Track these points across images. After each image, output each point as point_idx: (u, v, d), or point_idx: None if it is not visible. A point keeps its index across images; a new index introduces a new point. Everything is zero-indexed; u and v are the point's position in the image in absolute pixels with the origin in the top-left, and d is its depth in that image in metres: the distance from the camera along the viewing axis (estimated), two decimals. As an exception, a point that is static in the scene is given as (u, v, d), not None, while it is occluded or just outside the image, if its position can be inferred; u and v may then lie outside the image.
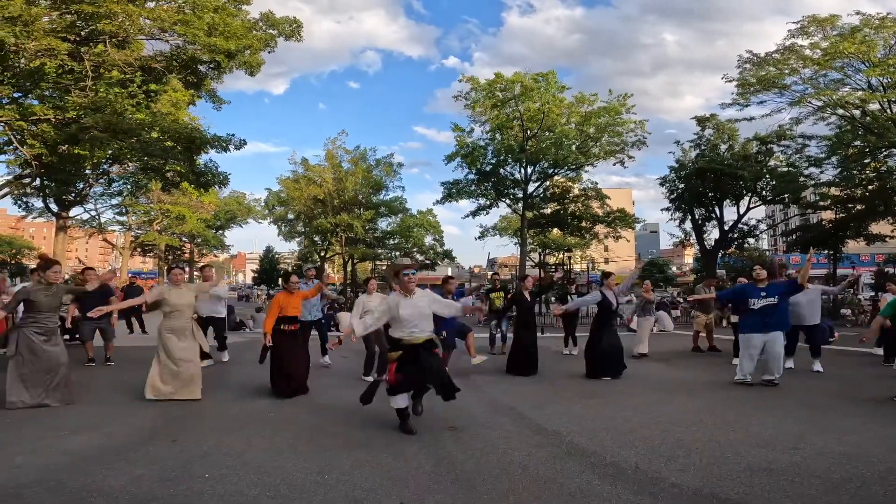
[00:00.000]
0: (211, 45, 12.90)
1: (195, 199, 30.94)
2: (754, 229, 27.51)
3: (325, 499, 3.09)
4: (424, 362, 4.44)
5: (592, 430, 4.57)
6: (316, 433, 4.46)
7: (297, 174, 35.39)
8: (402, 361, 4.49)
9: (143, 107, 11.49)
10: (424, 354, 4.49)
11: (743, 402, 5.75)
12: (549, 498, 3.17)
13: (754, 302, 6.61)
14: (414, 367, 4.44)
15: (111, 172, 20.95)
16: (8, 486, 3.10)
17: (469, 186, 27.66)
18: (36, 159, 11.49)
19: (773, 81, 21.05)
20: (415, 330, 4.53)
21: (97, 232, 29.59)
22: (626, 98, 24.45)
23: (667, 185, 27.16)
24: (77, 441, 4.09)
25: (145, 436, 4.28)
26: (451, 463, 3.74)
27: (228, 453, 3.86)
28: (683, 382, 6.96)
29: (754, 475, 3.48)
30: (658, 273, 56.60)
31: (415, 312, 4.54)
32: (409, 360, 4.47)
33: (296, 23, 15.35)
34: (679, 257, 67.93)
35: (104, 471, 3.43)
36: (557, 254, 35.11)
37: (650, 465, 3.69)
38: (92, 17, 10.59)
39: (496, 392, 6.30)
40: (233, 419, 4.91)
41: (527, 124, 25.24)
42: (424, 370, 4.43)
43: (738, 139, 25.10)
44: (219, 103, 17.10)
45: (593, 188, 28.52)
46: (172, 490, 3.14)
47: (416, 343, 4.51)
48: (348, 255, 35.40)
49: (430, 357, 4.51)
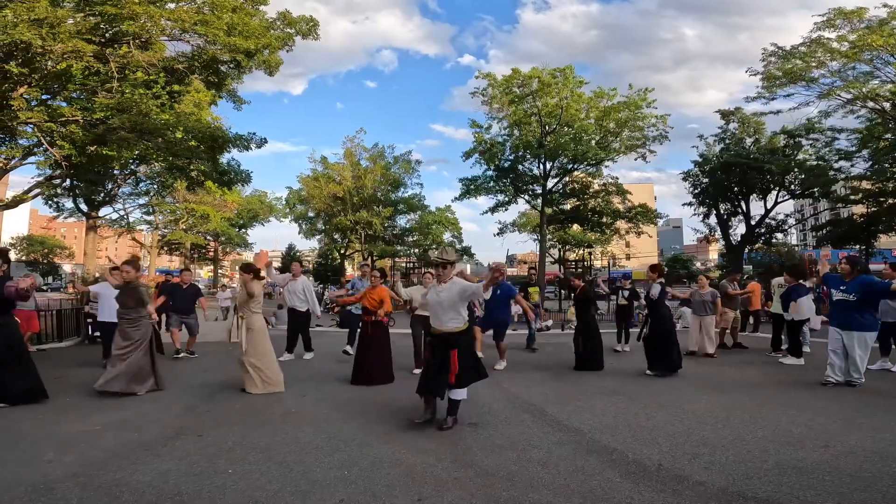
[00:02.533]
0: (231, 45, 13.12)
1: (219, 199, 31.53)
2: (782, 224, 26.84)
3: (345, 494, 3.10)
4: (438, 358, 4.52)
5: (614, 428, 4.50)
6: (336, 429, 4.48)
7: (316, 172, 35.81)
8: (430, 346, 4.68)
9: (168, 107, 11.74)
10: (440, 349, 4.54)
11: (771, 399, 5.59)
12: (570, 494, 3.12)
13: (834, 293, 6.31)
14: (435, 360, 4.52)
15: (138, 173, 21.48)
16: (40, 482, 3.17)
17: (487, 183, 27.58)
18: (65, 160, 11.81)
19: (800, 74, 20.65)
20: (434, 319, 4.68)
21: (126, 231, 30.38)
22: (646, 92, 24.07)
23: (690, 179, 26.68)
24: (108, 436, 4.18)
25: (173, 431, 4.36)
26: (470, 459, 3.72)
27: (252, 448, 3.91)
28: (709, 380, 6.80)
29: (783, 473, 3.39)
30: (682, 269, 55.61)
31: (435, 301, 4.66)
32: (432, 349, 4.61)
33: (312, 21, 15.51)
34: (703, 253, 66.54)
35: (133, 466, 3.49)
36: (577, 250, 34.77)
37: (674, 463, 3.61)
38: (115, 19, 10.85)
39: (516, 388, 6.25)
40: (257, 414, 4.97)
41: (545, 120, 25.02)
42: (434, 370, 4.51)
43: (764, 133, 24.52)
44: (239, 103, 17.40)
45: (614, 183, 28.15)
46: (197, 485, 3.18)
47: (436, 333, 4.62)
48: (367, 251, 35.66)
49: (443, 354, 4.51)
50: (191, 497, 3.02)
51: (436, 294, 4.66)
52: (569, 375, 7.22)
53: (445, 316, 4.57)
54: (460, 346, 4.50)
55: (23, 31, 8.98)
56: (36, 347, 9.51)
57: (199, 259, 43.24)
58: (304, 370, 7.39)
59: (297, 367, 7.69)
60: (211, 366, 7.75)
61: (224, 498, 3.02)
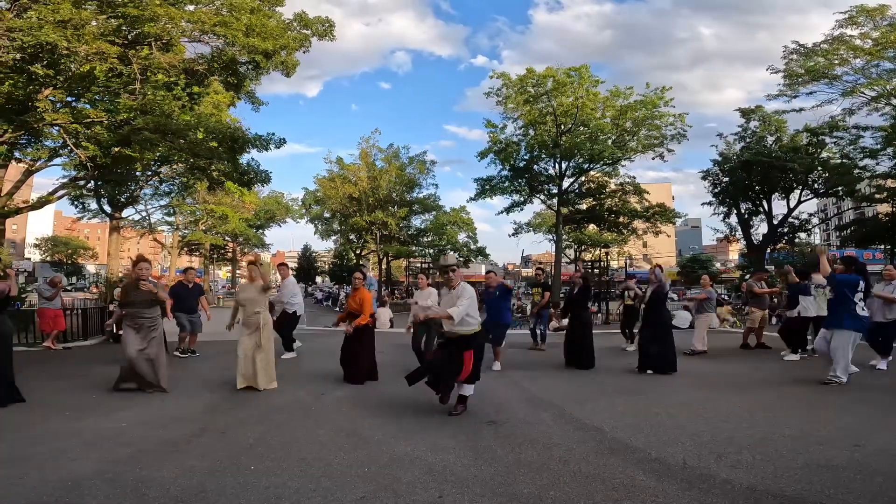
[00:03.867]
0: (249, 46, 13.26)
1: (237, 199, 31.91)
2: (806, 223, 26.25)
3: (365, 491, 3.10)
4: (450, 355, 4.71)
5: (636, 427, 4.43)
6: (356, 426, 4.49)
7: (332, 173, 36.05)
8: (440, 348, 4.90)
9: (188, 109, 11.91)
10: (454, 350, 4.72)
11: (798, 399, 5.48)
12: (592, 492, 3.08)
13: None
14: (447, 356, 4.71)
15: (161, 174, 21.87)
16: (67, 479, 3.21)
17: (503, 183, 27.45)
18: (91, 161, 12.05)
19: (823, 72, 20.37)
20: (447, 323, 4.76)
21: (148, 232, 30.94)
22: (663, 91, 23.76)
23: (709, 178, 26.26)
24: (134, 433, 4.23)
25: (197, 428, 4.41)
26: (490, 457, 3.70)
27: (273, 446, 3.93)
28: (733, 379, 6.67)
29: (813, 472, 3.32)
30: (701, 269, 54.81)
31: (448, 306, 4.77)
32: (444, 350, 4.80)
33: (328, 22, 15.62)
34: (723, 253, 65.38)
35: (158, 462, 3.53)
36: (594, 250, 34.45)
37: (699, 462, 3.55)
38: (137, 21, 11.00)
39: (535, 388, 6.21)
40: (277, 412, 5.01)
41: (560, 119, 24.84)
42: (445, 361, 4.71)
43: (786, 131, 24.07)
44: (257, 104, 17.60)
45: (631, 182, 27.83)
46: (221, 482, 3.21)
47: (452, 337, 4.75)
48: (383, 252, 35.80)
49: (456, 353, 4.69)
50: (215, 494, 3.04)
51: (451, 300, 4.79)
52: (586, 375, 7.16)
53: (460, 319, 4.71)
54: (475, 348, 4.74)
55: (48, 33, 9.12)
56: (62, 345, 9.75)
57: (218, 259, 43.84)
58: (321, 369, 7.44)
59: (313, 366, 7.75)
60: (231, 364, 7.82)
61: (247, 495, 3.04)
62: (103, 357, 8.46)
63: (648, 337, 7.19)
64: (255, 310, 6.07)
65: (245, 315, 6.11)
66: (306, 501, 2.95)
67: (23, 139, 12.86)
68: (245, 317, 6.10)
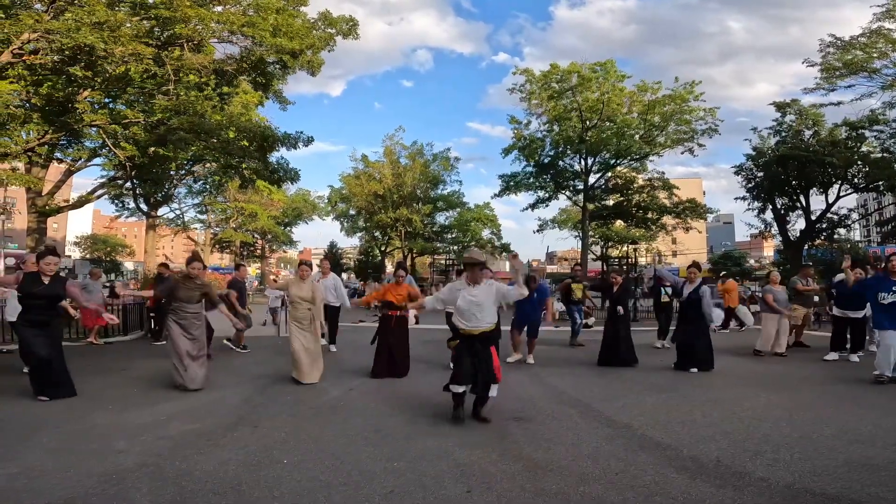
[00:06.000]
0: (276, 46, 13.53)
1: (266, 197, 32.59)
2: (845, 219, 25.22)
3: (394, 485, 3.12)
4: (479, 355, 4.47)
5: (667, 424, 4.35)
6: (383, 421, 4.53)
7: (357, 171, 36.40)
8: (459, 351, 4.58)
9: (219, 109, 12.22)
10: (479, 347, 4.50)
11: (837, 398, 5.30)
12: (622, 489, 3.04)
13: (884, 296, 6.02)
14: (468, 360, 4.46)
15: (195, 173, 22.47)
16: (111, 472, 3.30)
17: (527, 179, 27.25)
18: (129, 160, 12.47)
19: (861, 65, 19.83)
20: (471, 321, 4.54)
21: (182, 230, 31.87)
22: (693, 86, 23.26)
23: (743, 173, 25.50)
24: (173, 426, 4.34)
25: (232, 421, 4.51)
26: (518, 452, 3.68)
27: (304, 439, 4.00)
28: (770, 378, 6.49)
29: (853, 471, 3.22)
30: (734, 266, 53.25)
31: (472, 303, 4.54)
32: (464, 351, 4.53)
33: (352, 21, 15.80)
34: (757, 249, 63.33)
35: (196, 456, 3.62)
36: (621, 246, 33.88)
37: (733, 460, 3.47)
38: (168, 22, 11.34)
39: (562, 384, 6.16)
40: (307, 406, 5.08)
41: (585, 115, 24.49)
42: (477, 363, 4.45)
43: (823, 125, 23.26)
44: (284, 104, 17.95)
45: (659, 178, 27.25)
46: (255, 475, 3.27)
47: (472, 334, 4.53)
48: (407, 248, 36.00)
49: (483, 351, 4.50)
50: (249, 487, 3.10)
51: (470, 297, 4.55)
52: (615, 371, 7.06)
53: (483, 314, 4.54)
54: (496, 343, 4.64)
55: (86, 35, 9.43)
56: (103, 341, 10.12)
57: (248, 256, 44.84)
58: (349, 364, 7.54)
59: (342, 360, 7.86)
60: (264, 359, 8.02)
61: (280, 488, 3.08)
62: (143, 352, 8.76)
63: (692, 333, 7.06)
64: (308, 307, 6.29)
65: (298, 311, 6.30)
66: (337, 495, 2.99)
67: (63, 140, 13.39)
68: (298, 312, 6.30)
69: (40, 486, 3.02)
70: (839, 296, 8.11)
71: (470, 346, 4.51)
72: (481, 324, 4.53)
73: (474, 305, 4.52)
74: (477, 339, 4.52)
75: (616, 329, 7.62)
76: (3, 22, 9.26)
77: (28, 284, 5.14)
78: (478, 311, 4.52)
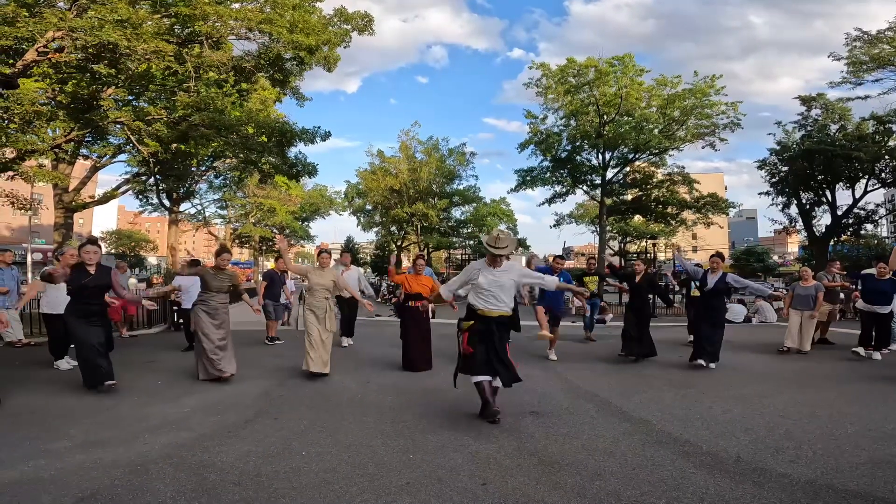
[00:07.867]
0: (293, 42, 13.65)
1: (284, 193, 32.95)
2: (872, 214, 24.52)
3: (410, 477, 3.15)
4: (495, 339, 4.28)
5: (686, 420, 4.30)
6: (400, 414, 4.56)
7: (374, 166, 36.57)
8: (473, 334, 4.33)
9: (238, 105, 12.40)
10: (497, 331, 4.31)
11: (861, 395, 5.18)
12: (639, 483, 3.02)
13: None
14: (484, 346, 4.27)
15: (216, 168, 22.82)
16: (136, 462, 3.40)
17: (544, 174, 27.00)
18: (152, 156, 12.73)
19: (889, 59, 19.46)
20: (490, 301, 4.34)
21: (203, 225, 32.44)
22: (713, 80, 22.78)
23: (766, 168, 24.96)
24: (196, 418, 4.43)
25: (252, 414, 4.58)
26: (533, 446, 3.69)
27: (322, 432, 4.05)
28: (792, 375, 6.36)
29: (877, 467, 3.16)
30: (757, 262, 52.11)
31: (494, 283, 4.35)
32: (480, 335, 4.31)
33: (367, 17, 15.86)
34: (781, 245, 61.94)
35: (217, 447, 3.69)
36: (639, 241, 33.45)
37: (754, 456, 3.42)
38: (188, 19, 11.52)
39: (578, 378, 6.12)
40: (325, 399, 5.14)
41: (603, 109, 24.18)
42: (493, 349, 4.26)
43: (850, 119, 22.65)
44: (302, 100, 18.13)
45: (680, 172, 26.77)
46: (275, 467, 3.33)
47: (490, 316, 4.33)
48: (423, 243, 36.08)
49: (501, 336, 4.33)
50: (269, 478, 3.15)
51: (493, 277, 4.34)
52: (632, 367, 6.99)
53: (505, 296, 4.37)
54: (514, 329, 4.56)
55: (109, 32, 9.60)
56: (129, 333, 10.38)
57: (267, 251, 45.45)
58: (366, 357, 7.61)
59: (359, 354, 7.94)
60: (282, 352, 8.14)
61: (299, 479, 3.13)
62: (166, 344, 8.94)
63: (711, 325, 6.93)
64: (326, 295, 6.35)
65: (316, 300, 6.30)
66: (354, 487, 3.03)
67: (88, 137, 13.71)
68: (316, 301, 6.30)
69: (68, 478, 3.11)
70: (865, 290, 7.91)
71: (484, 331, 4.30)
72: (501, 305, 4.34)
73: (495, 285, 4.33)
74: (494, 322, 4.32)
75: (637, 319, 7.56)
76: (28, 20, 9.46)
77: (78, 276, 5.26)
78: (499, 290, 4.34)
